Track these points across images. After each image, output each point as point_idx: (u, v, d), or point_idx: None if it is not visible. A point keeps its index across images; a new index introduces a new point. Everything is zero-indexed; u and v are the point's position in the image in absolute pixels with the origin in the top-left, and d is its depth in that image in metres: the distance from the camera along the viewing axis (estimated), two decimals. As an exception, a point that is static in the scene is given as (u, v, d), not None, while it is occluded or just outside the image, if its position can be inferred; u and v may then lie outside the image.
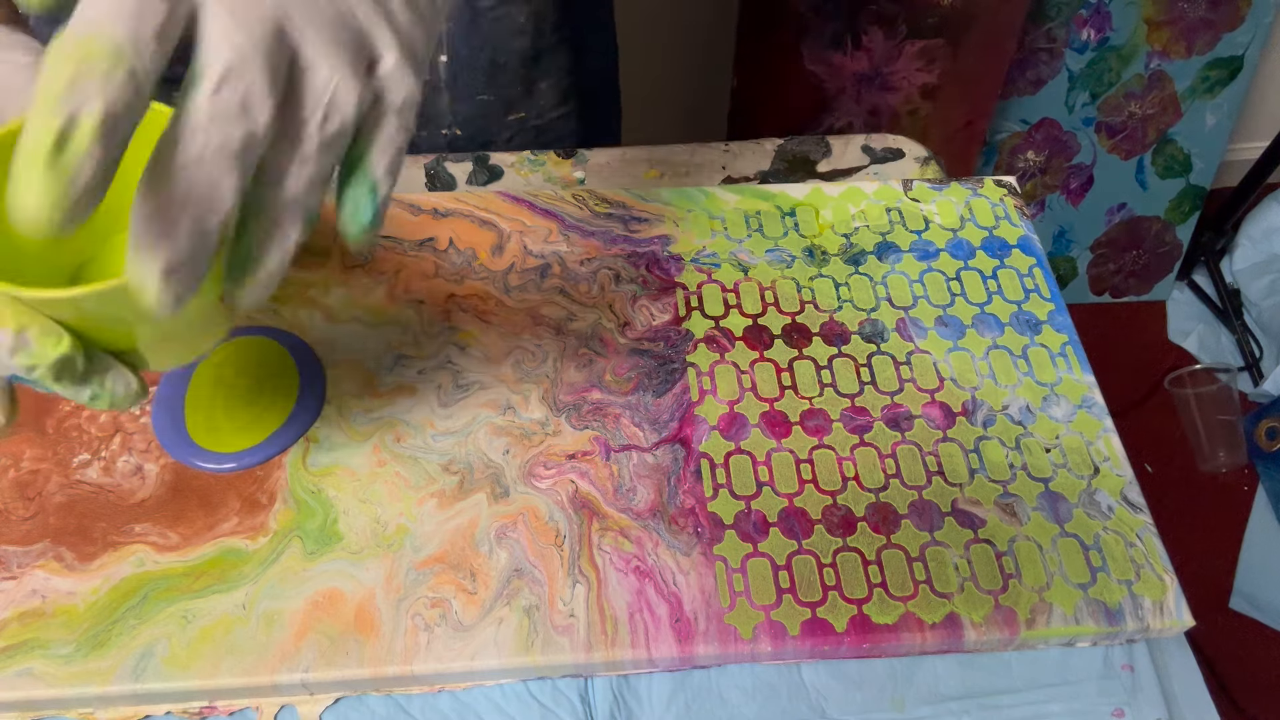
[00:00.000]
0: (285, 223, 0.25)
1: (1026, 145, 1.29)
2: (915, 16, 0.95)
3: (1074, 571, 0.38)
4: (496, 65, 0.55)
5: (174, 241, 0.22)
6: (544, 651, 0.35)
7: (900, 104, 1.02)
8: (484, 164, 0.53)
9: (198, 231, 0.23)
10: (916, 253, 0.48)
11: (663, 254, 0.47)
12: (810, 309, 0.45)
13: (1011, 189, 0.51)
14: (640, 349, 0.44)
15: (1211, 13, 1.19)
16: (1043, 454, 0.41)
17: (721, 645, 0.36)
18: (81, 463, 0.39)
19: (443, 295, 0.45)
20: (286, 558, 0.37)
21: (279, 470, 0.39)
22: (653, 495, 0.39)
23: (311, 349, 0.43)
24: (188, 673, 0.35)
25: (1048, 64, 1.21)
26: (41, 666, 0.34)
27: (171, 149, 0.22)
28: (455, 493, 0.39)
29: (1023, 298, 0.46)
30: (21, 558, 0.37)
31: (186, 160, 0.22)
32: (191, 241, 0.23)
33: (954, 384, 0.43)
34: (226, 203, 0.23)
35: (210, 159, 0.22)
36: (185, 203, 0.22)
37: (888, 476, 0.40)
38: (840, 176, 0.54)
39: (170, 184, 0.22)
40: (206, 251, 0.23)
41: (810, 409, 0.42)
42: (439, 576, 0.37)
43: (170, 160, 0.22)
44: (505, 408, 0.42)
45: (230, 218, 0.23)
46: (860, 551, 0.38)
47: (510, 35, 0.55)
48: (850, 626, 0.36)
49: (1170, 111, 1.27)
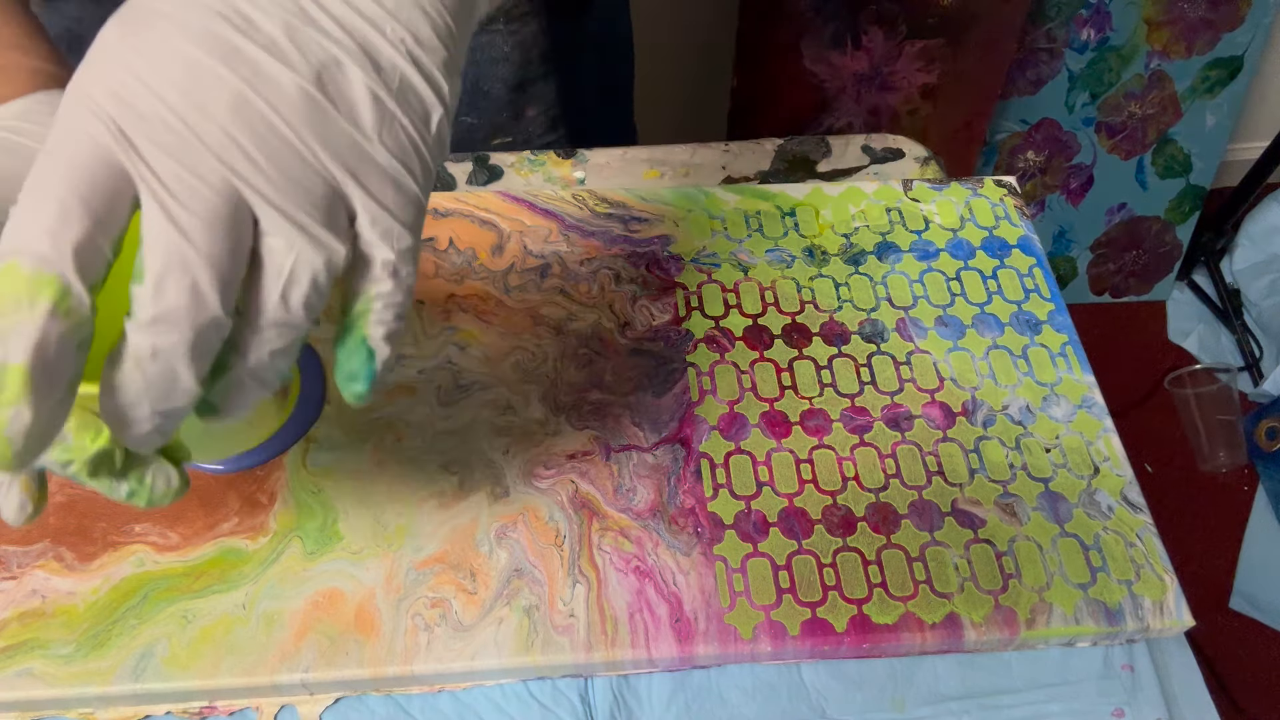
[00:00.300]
0: (249, 386, 0.23)
1: (1026, 145, 1.29)
2: (915, 16, 0.95)
3: (1074, 571, 0.38)
4: (480, 91, 0.55)
5: (139, 425, 0.21)
6: (544, 651, 0.35)
7: (900, 104, 1.02)
8: (484, 164, 0.53)
9: (162, 413, 0.21)
10: (916, 253, 0.48)
11: (663, 254, 0.47)
12: (810, 309, 0.45)
13: (1011, 189, 0.51)
14: (640, 349, 0.44)
15: (1211, 13, 1.19)
16: (1043, 454, 0.41)
17: (721, 645, 0.36)
18: (81, 463, 0.39)
19: (443, 295, 0.45)
20: (286, 558, 0.37)
21: (279, 470, 0.39)
22: (653, 495, 0.39)
23: (313, 348, 0.43)
24: (188, 673, 0.35)
25: (1048, 64, 1.21)
26: (41, 666, 0.34)
27: (120, 351, 0.21)
28: (455, 493, 0.39)
29: (1023, 298, 0.46)
30: (21, 558, 0.37)
31: (138, 360, 0.21)
32: (157, 422, 0.22)
33: (954, 384, 0.43)
34: (188, 391, 0.21)
35: (163, 358, 0.21)
36: (143, 397, 0.21)
37: (888, 476, 0.40)
38: (840, 176, 0.54)
39: (125, 386, 0.21)
40: (177, 420, 0.22)
41: (810, 409, 0.42)
42: (439, 576, 0.37)
43: (120, 362, 0.21)
44: (505, 408, 0.42)
45: (195, 397, 0.22)
46: (860, 551, 0.38)
47: (493, 63, 0.54)
48: (850, 626, 0.36)
49: (1170, 111, 1.27)
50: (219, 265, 0.21)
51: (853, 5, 0.95)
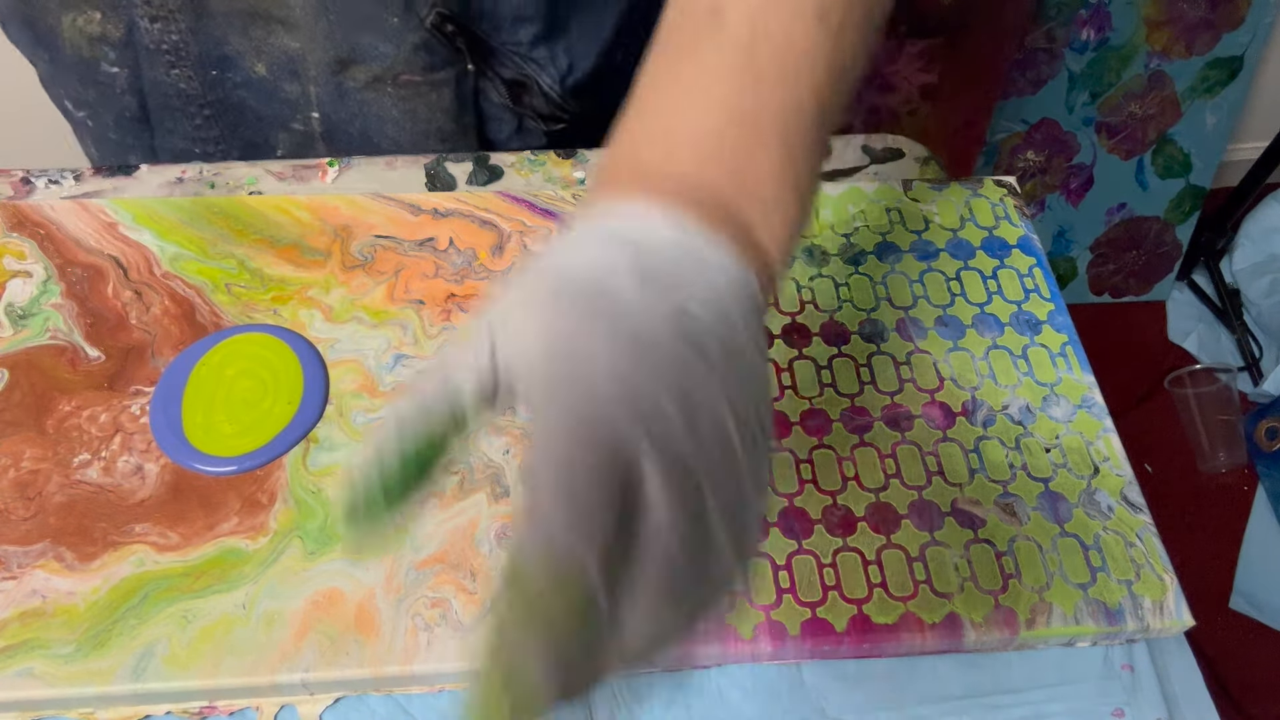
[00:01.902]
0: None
1: (1026, 145, 1.29)
2: (915, 16, 0.95)
3: (1074, 571, 0.38)
4: (370, 140, 0.53)
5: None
6: (544, 651, 0.35)
7: (900, 104, 1.02)
8: (484, 164, 0.53)
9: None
10: (916, 253, 0.48)
11: (663, 254, 0.47)
12: (810, 309, 0.45)
13: (1011, 189, 0.51)
14: (640, 349, 0.44)
15: (1211, 13, 1.19)
16: (1043, 454, 0.41)
17: (721, 645, 0.36)
18: (81, 463, 0.39)
19: (443, 295, 0.45)
20: (287, 558, 0.37)
21: (279, 470, 0.39)
22: (653, 495, 0.39)
23: (316, 347, 0.43)
24: (188, 673, 0.35)
25: (1048, 64, 1.21)
26: (41, 666, 0.34)
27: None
28: (455, 493, 0.39)
29: (1023, 298, 0.46)
30: (21, 558, 0.37)
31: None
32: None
33: (954, 384, 0.43)
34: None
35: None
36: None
37: (888, 476, 0.40)
38: (840, 176, 0.54)
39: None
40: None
41: (810, 409, 0.42)
42: (439, 576, 0.37)
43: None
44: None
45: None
46: (860, 551, 0.38)
47: (382, 122, 0.53)
48: (850, 626, 0.36)
49: (1170, 111, 1.27)
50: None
51: (853, 5, 0.95)
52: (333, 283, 0.45)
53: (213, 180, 0.51)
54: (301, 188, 0.51)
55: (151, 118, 0.53)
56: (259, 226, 0.47)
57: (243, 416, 0.41)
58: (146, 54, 0.50)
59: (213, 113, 0.53)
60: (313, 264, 0.46)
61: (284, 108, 0.52)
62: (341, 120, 0.53)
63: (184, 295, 0.44)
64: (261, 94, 0.52)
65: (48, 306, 0.44)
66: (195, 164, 0.52)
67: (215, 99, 0.52)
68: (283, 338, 0.43)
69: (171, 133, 0.54)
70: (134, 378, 0.42)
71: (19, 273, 0.45)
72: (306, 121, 0.53)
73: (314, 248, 0.46)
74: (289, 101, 0.52)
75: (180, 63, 0.50)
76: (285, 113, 0.53)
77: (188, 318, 0.44)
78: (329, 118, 0.53)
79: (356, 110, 0.52)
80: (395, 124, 0.53)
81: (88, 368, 0.42)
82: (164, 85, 0.51)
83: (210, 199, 0.48)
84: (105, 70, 0.51)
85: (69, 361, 0.42)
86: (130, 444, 0.40)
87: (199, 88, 0.51)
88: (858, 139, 0.56)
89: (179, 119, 0.53)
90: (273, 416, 0.41)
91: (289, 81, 0.51)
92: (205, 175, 0.51)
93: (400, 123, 0.53)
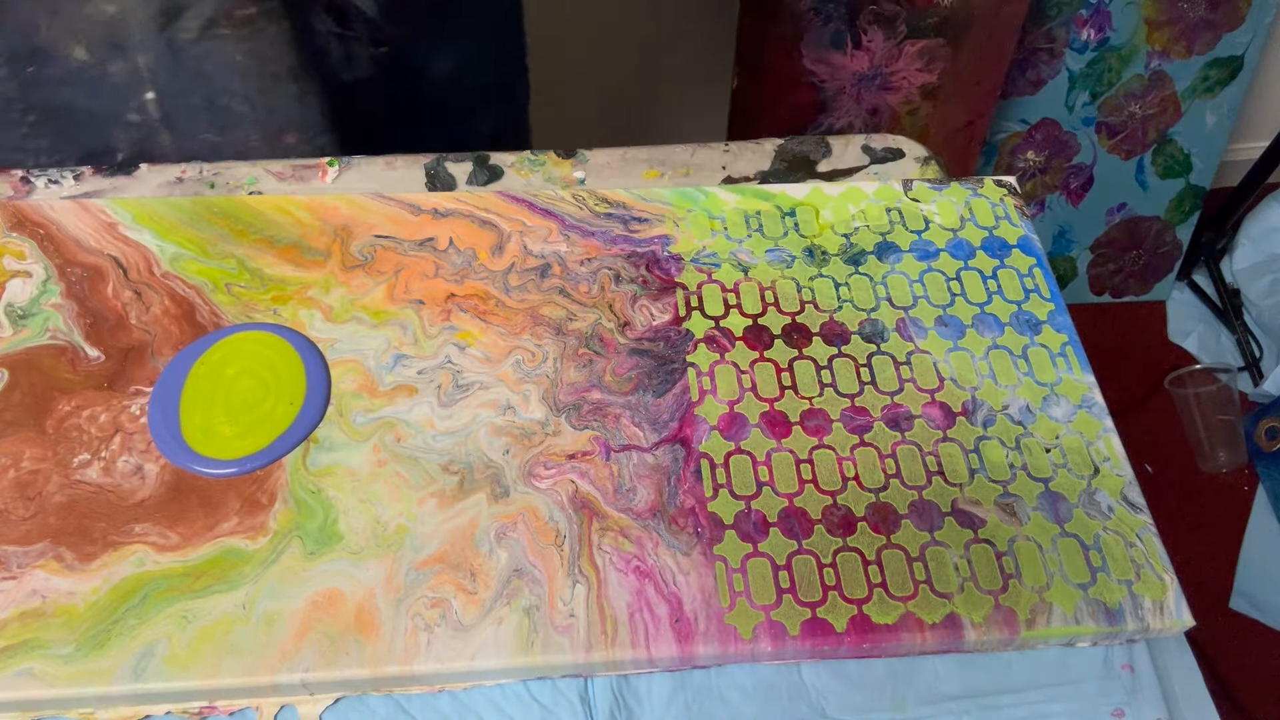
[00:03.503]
0: None
1: (1026, 145, 1.29)
2: (915, 16, 0.95)
3: (1074, 571, 0.38)
4: (216, 107, 0.50)
5: None
6: (544, 651, 0.35)
7: (900, 104, 1.02)
8: (484, 164, 0.53)
9: None
10: (916, 253, 0.48)
11: (663, 254, 0.47)
12: (810, 309, 0.45)
13: (1011, 189, 0.51)
14: (640, 349, 0.44)
15: (1211, 13, 1.19)
16: (1043, 454, 0.41)
17: (721, 645, 0.36)
18: (81, 463, 0.39)
19: (443, 295, 0.45)
20: (286, 558, 0.37)
21: (279, 470, 0.39)
22: (653, 495, 0.39)
23: (317, 347, 0.43)
24: (188, 673, 0.35)
25: (1048, 64, 1.21)
26: (41, 666, 0.34)
27: None
28: (455, 493, 0.39)
29: (1023, 298, 0.46)
30: (21, 558, 0.37)
31: None
32: None
33: (954, 384, 0.43)
34: None
35: None
36: None
37: (888, 476, 0.40)
38: (840, 176, 0.54)
39: None
40: None
41: (810, 409, 0.42)
42: (439, 576, 0.37)
43: None
44: (505, 408, 0.42)
45: None
46: (860, 551, 0.38)
47: (224, 75, 0.49)
48: (850, 626, 0.36)
49: (1170, 111, 1.27)
50: None
51: (853, 5, 0.95)
52: (333, 283, 0.45)
53: (213, 180, 0.51)
54: (301, 188, 0.51)
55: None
56: (259, 226, 0.47)
57: (243, 418, 0.41)
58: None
59: (38, 118, 0.49)
60: (313, 264, 0.46)
61: (114, 96, 0.49)
62: (180, 91, 0.49)
63: (184, 295, 0.44)
64: (87, 85, 0.48)
65: (48, 306, 0.44)
66: (195, 164, 0.52)
67: (38, 101, 0.49)
68: (284, 336, 0.43)
69: (5, 150, 0.51)
70: (134, 378, 0.42)
71: (19, 273, 0.45)
72: (142, 109, 0.49)
73: (314, 248, 0.46)
74: (118, 87, 0.48)
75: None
76: (116, 103, 0.49)
77: (188, 318, 0.44)
78: (165, 92, 0.49)
79: (196, 70, 0.48)
80: (242, 74, 0.49)
81: (88, 368, 0.42)
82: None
83: (210, 199, 0.48)
84: None
85: (69, 361, 0.42)
86: (130, 444, 0.40)
87: (16, 90, 0.48)
88: (858, 139, 0.56)
89: (10, 132, 0.50)
90: (274, 418, 0.41)
91: (114, 59, 0.47)
92: (205, 175, 0.51)
93: (247, 71, 0.49)
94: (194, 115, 0.50)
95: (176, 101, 0.50)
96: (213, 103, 0.50)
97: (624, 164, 0.54)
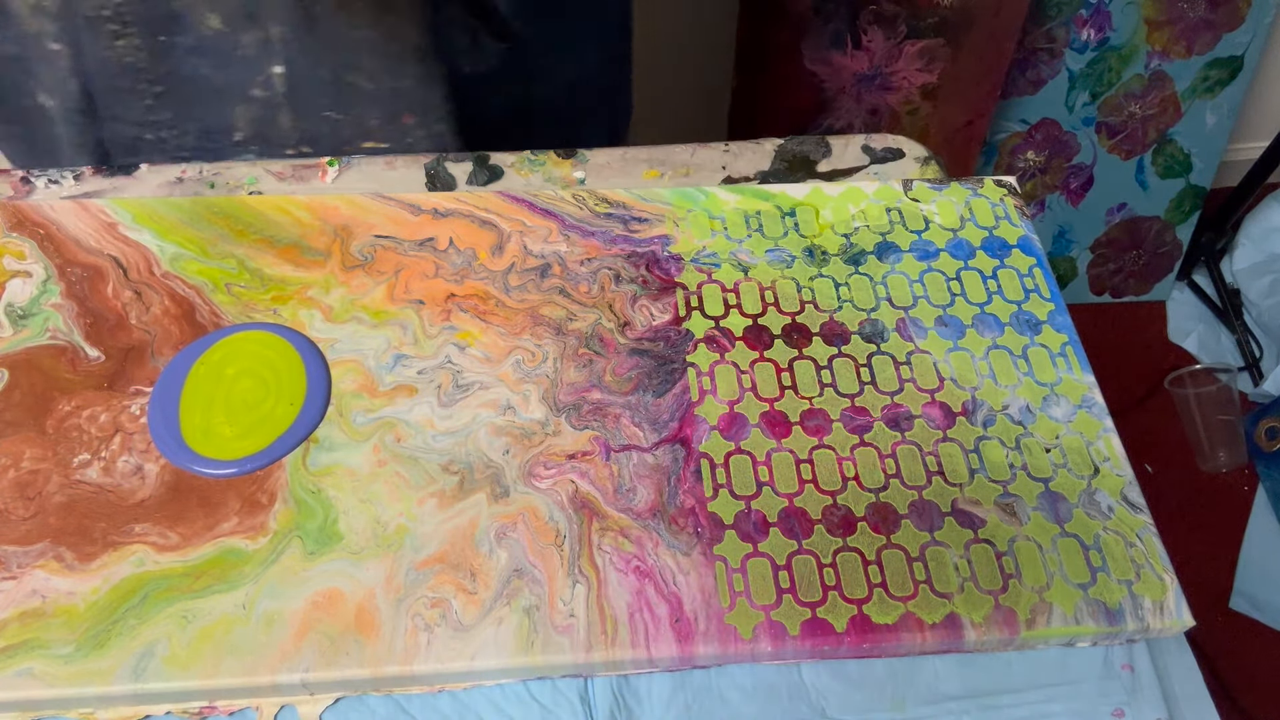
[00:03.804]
0: None
1: (1026, 145, 1.29)
2: (915, 16, 0.95)
3: (1074, 571, 0.38)
4: (342, 83, 0.50)
5: None
6: (544, 651, 0.35)
7: (900, 104, 1.02)
8: (484, 164, 0.53)
9: None
10: (916, 253, 0.48)
11: (663, 254, 0.47)
12: (810, 309, 0.45)
13: (1011, 189, 0.51)
14: (640, 349, 0.44)
15: (1211, 13, 1.19)
16: (1043, 454, 0.41)
17: (721, 645, 0.36)
18: (81, 463, 0.39)
19: (443, 295, 0.45)
20: (286, 558, 0.37)
21: (279, 470, 0.39)
22: (653, 495, 0.39)
23: (317, 346, 0.43)
24: (188, 673, 0.35)
25: (1048, 64, 1.21)
26: (41, 666, 0.34)
27: None
28: (455, 493, 0.39)
29: (1023, 298, 0.46)
30: (21, 558, 0.37)
31: None
32: None
33: (954, 384, 0.43)
34: None
35: None
36: None
37: (888, 476, 0.40)
38: (840, 176, 0.54)
39: None
40: None
41: (810, 409, 0.42)
42: (439, 576, 0.37)
43: None
44: (505, 408, 0.42)
45: None
46: (860, 551, 0.38)
47: (354, 50, 0.50)
48: (850, 626, 0.36)
49: (1170, 111, 1.27)
50: None
51: (853, 5, 0.95)
52: (333, 283, 0.45)
53: (213, 180, 0.51)
54: (301, 187, 0.51)
55: (97, 105, 0.50)
56: (259, 226, 0.47)
57: (243, 418, 0.41)
58: (87, 24, 0.46)
59: (164, 89, 0.49)
60: (313, 264, 0.46)
61: (242, 69, 0.49)
62: (309, 65, 0.49)
63: (184, 295, 0.44)
64: (216, 57, 0.48)
65: (47, 306, 0.44)
66: (195, 164, 0.52)
67: (166, 71, 0.49)
68: (284, 336, 0.43)
69: (119, 119, 0.50)
70: (134, 378, 0.42)
71: (19, 273, 0.45)
72: (268, 83, 0.49)
73: (314, 248, 0.46)
74: (247, 60, 0.48)
75: (125, 31, 0.47)
76: (244, 76, 0.49)
77: (188, 318, 0.44)
78: (294, 66, 0.49)
79: (326, 44, 0.48)
80: (371, 50, 0.49)
81: (88, 368, 0.42)
82: (109, 63, 0.48)
83: (210, 199, 0.48)
84: (48, 48, 0.48)
85: (69, 361, 0.42)
86: (130, 444, 0.40)
87: (147, 60, 0.48)
88: (858, 139, 0.56)
89: (128, 102, 0.50)
90: (274, 418, 0.41)
91: (247, 29, 0.47)
92: (205, 175, 0.51)
93: (376, 47, 0.49)
94: (318, 91, 0.50)
95: (303, 77, 0.49)
96: (338, 78, 0.50)
97: (624, 164, 0.54)
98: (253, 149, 0.53)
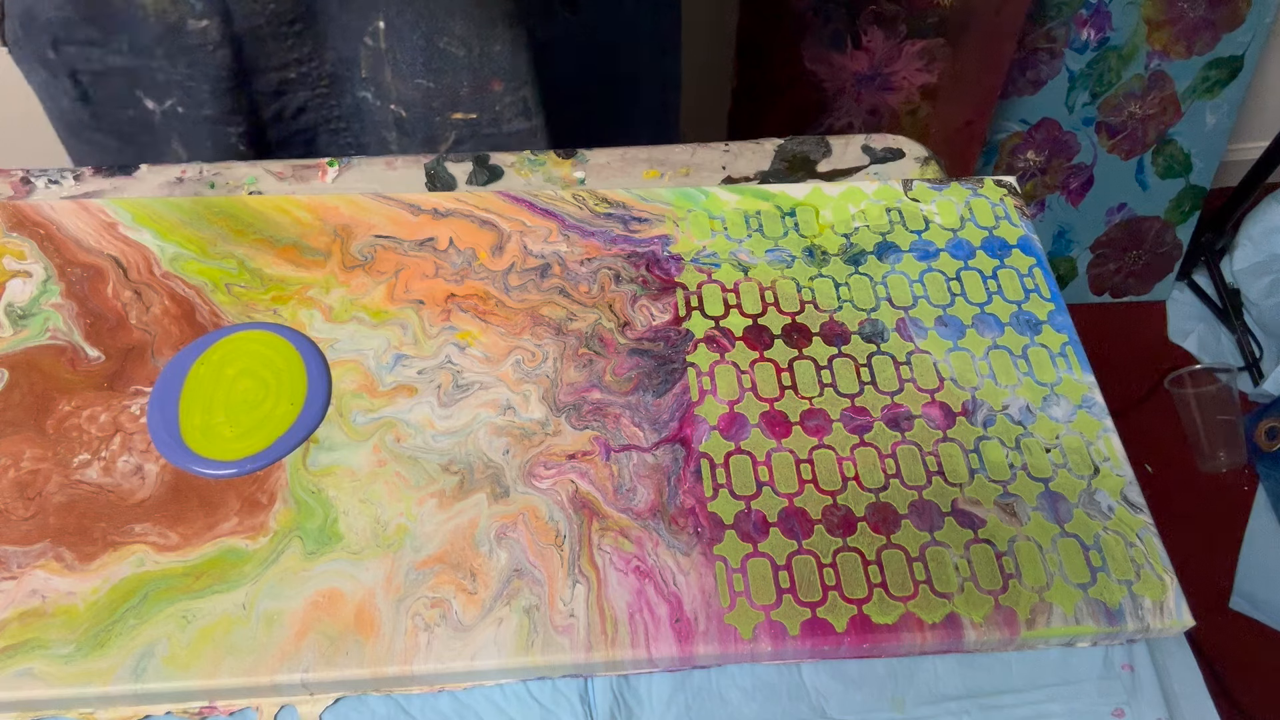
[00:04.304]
0: None
1: (1026, 145, 1.29)
2: (915, 16, 0.95)
3: (1074, 572, 0.38)
4: (434, 48, 0.51)
5: None
6: (544, 651, 0.35)
7: (900, 104, 1.02)
8: (484, 164, 0.53)
9: None
10: (916, 253, 0.48)
11: (663, 254, 0.47)
12: (810, 309, 0.45)
13: (1011, 189, 0.51)
14: (640, 349, 0.44)
15: (1211, 13, 1.19)
16: (1043, 454, 0.41)
17: (721, 645, 0.36)
18: (81, 463, 0.39)
19: (443, 295, 0.45)
20: (286, 558, 0.37)
21: (279, 470, 0.39)
22: (653, 495, 0.39)
23: (317, 346, 0.43)
24: (188, 673, 0.35)
25: (1048, 64, 1.21)
26: (41, 666, 0.34)
27: None
28: (455, 493, 0.39)
29: (1023, 298, 0.46)
30: (21, 558, 0.37)
31: None
32: None
33: (954, 384, 0.43)
34: None
35: None
36: None
37: (888, 476, 0.40)
38: (840, 176, 0.54)
39: None
40: None
41: (810, 409, 0.42)
42: (439, 576, 0.37)
43: None
44: (505, 408, 0.42)
45: None
46: (860, 551, 0.38)
47: (447, 15, 0.51)
48: (850, 626, 0.36)
49: (1170, 111, 1.27)
50: None
51: (853, 5, 0.95)
52: (333, 283, 0.45)
53: (212, 180, 0.51)
54: (301, 187, 0.51)
55: (246, 61, 0.52)
56: (259, 226, 0.47)
57: (243, 418, 0.41)
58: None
59: (303, 26, 0.51)
60: (313, 264, 0.46)
61: (357, 14, 0.51)
62: (404, 26, 0.51)
63: (184, 295, 0.44)
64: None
65: (48, 306, 0.44)
66: (195, 164, 0.52)
67: (302, 10, 0.51)
68: (285, 335, 0.43)
69: (266, 71, 0.52)
70: (134, 378, 0.42)
71: (19, 273, 0.45)
72: (375, 34, 0.51)
73: (314, 248, 0.46)
74: (360, 6, 0.50)
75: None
76: (359, 22, 0.51)
77: (187, 318, 0.44)
78: (393, 24, 0.51)
79: (420, 7, 0.50)
80: (464, 15, 0.50)
81: (88, 368, 0.42)
82: (253, 14, 0.50)
83: (210, 199, 0.48)
84: (193, 28, 0.49)
85: (69, 361, 0.42)
86: (130, 444, 0.40)
87: (290, 3, 0.50)
88: (858, 139, 0.56)
89: (273, 48, 0.52)
90: (274, 418, 0.41)
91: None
92: (205, 175, 0.51)
93: (468, 12, 0.51)
94: (413, 55, 0.52)
95: (399, 35, 0.51)
96: (431, 43, 0.51)
97: (624, 164, 0.54)
98: (370, 88, 0.54)
